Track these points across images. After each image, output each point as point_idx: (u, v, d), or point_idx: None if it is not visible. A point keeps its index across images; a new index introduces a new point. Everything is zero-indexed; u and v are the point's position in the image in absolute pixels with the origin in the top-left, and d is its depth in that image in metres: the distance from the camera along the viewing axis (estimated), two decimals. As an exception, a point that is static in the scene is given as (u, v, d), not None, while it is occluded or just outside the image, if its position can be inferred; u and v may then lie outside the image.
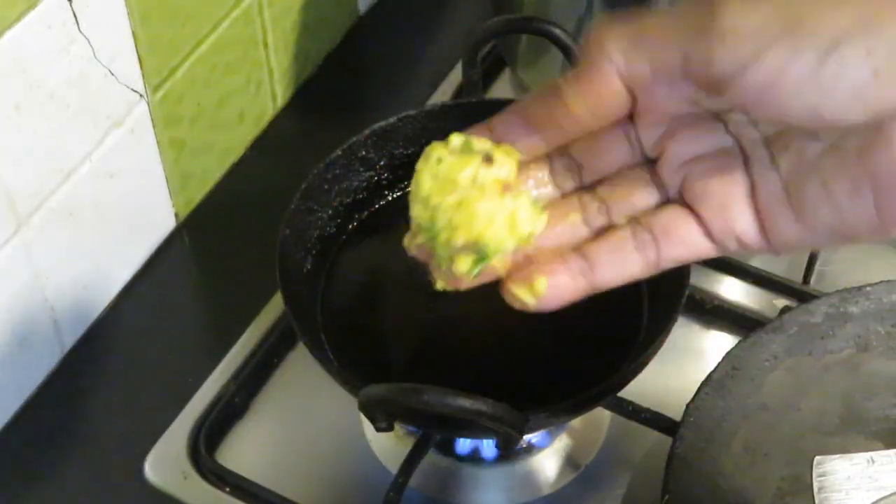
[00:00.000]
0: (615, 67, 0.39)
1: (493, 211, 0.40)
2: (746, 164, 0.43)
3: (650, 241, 0.44)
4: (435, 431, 0.72)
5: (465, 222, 0.40)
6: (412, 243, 0.43)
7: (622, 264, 0.44)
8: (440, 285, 0.44)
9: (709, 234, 0.43)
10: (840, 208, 0.40)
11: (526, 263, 0.44)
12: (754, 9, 0.37)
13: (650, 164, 0.44)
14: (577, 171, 0.45)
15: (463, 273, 0.42)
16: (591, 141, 0.44)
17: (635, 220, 0.44)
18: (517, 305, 0.44)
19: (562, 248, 0.45)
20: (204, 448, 0.75)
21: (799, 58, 0.37)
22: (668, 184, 0.44)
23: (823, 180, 0.40)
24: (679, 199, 0.44)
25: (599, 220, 0.45)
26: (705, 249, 0.44)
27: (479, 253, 0.41)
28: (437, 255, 0.42)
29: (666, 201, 0.44)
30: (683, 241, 0.44)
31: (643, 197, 0.45)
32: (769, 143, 0.42)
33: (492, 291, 0.59)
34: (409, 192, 0.65)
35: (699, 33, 0.37)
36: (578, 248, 0.45)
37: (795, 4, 0.37)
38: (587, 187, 0.45)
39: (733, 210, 0.43)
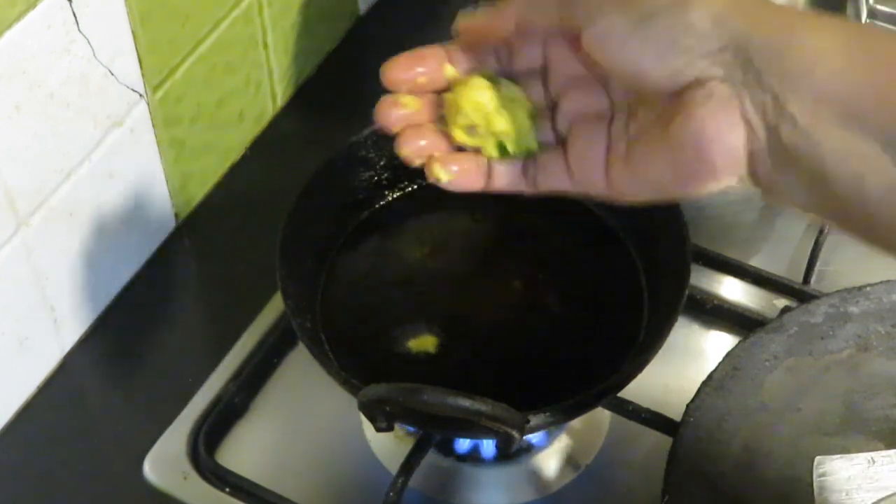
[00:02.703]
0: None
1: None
2: (610, 124, 0.55)
3: (534, 168, 0.58)
4: (435, 431, 0.72)
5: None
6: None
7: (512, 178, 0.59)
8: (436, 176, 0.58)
9: (570, 176, 0.56)
10: (654, 167, 0.52)
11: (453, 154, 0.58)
12: None
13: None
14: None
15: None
16: None
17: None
18: (432, 179, 0.58)
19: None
20: (204, 448, 0.75)
21: (622, 21, 0.50)
22: (560, 131, 0.57)
23: (647, 144, 0.52)
24: (563, 144, 0.57)
25: None
26: (567, 186, 0.57)
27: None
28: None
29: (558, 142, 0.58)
30: (554, 176, 0.57)
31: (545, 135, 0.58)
32: (629, 108, 0.54)
33: (490, 292, 0.60)
34: (409, 192, 0.80)
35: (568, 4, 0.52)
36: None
37: None
38: None
39: (590, 164, 0.55)
